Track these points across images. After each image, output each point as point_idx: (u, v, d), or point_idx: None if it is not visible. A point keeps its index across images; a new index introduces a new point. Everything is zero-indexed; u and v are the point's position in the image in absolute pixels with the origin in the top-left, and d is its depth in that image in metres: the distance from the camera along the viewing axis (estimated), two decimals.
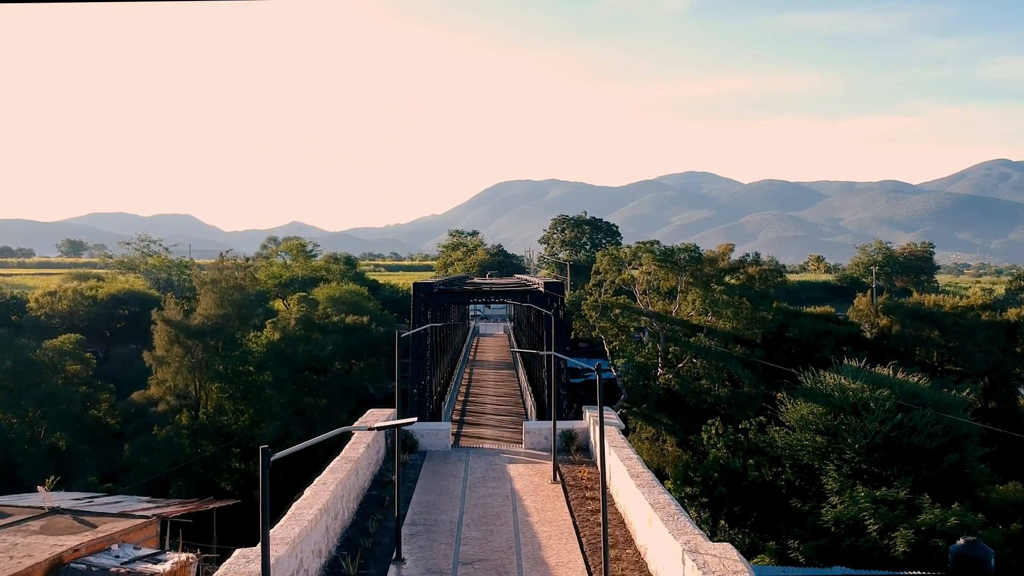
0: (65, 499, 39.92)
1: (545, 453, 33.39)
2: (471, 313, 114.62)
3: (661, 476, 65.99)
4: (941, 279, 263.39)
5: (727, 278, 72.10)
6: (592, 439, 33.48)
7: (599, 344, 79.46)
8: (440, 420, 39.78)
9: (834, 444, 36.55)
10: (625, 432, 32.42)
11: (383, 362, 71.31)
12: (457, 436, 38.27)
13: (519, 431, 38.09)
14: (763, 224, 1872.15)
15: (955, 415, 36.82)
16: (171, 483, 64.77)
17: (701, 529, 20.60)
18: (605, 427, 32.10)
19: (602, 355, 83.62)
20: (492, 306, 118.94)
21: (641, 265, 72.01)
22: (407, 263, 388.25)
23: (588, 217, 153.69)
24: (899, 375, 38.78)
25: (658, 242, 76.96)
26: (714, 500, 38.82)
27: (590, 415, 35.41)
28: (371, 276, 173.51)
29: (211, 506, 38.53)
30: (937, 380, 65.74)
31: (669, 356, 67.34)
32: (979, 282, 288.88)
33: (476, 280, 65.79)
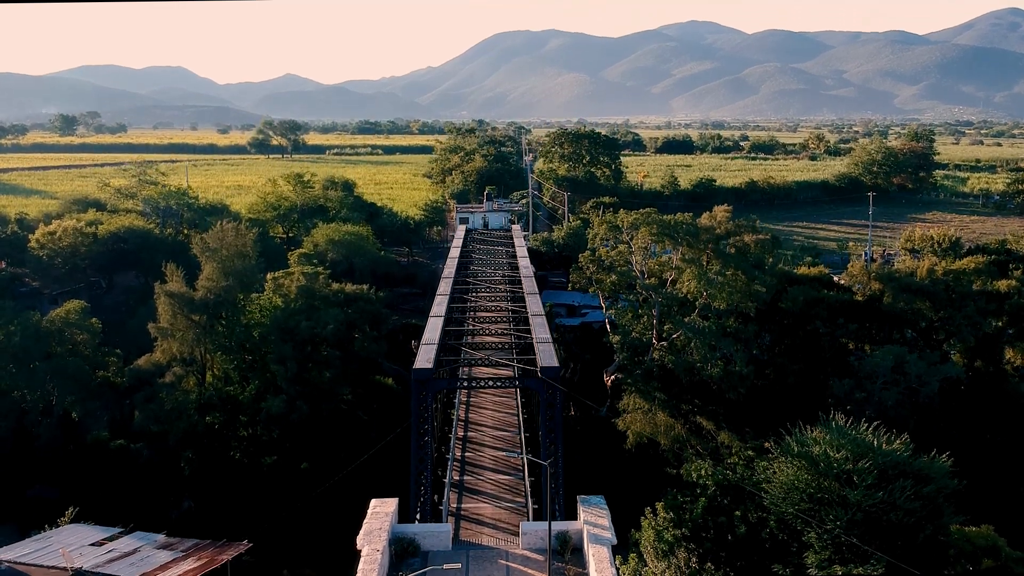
0: (86, 545, 42.09)
1: (540, 558, 35.23)
2: (466, 219, 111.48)
3: (653, 444, 68.67)
4: (939, 148, 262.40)
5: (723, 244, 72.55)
6: (586, 547, 35.20)
7: None
8: (440, 517, 41.57)
9: (816, 511, 38.32)
10: (615, 546, 34.15)
11: (385, 334, 72.75)
12: (456, 522, 39.89)
13: (516, 512, 39.96)
14: (765, 77, 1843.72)
15: (935, 484, 38.41)
16: (181, 455, 67.27)
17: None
18: (594, 547, 33.92)
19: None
20: (490, 218, 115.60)
21: (638, 235, 72.46)
22: (405, 143, 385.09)
23: (587, 131, 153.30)
24: (883, 443, 40.16)
25: (656, 210, 77.01)
26: (702, 550, 40.91)
27: (584, 516, 37.07)
28: (370, 167, 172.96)
29: (225, 557, 40.71)
30: (924, 355, 67.77)
31: (664, 333, 68.78)
32: (979, 161, 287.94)
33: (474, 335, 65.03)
